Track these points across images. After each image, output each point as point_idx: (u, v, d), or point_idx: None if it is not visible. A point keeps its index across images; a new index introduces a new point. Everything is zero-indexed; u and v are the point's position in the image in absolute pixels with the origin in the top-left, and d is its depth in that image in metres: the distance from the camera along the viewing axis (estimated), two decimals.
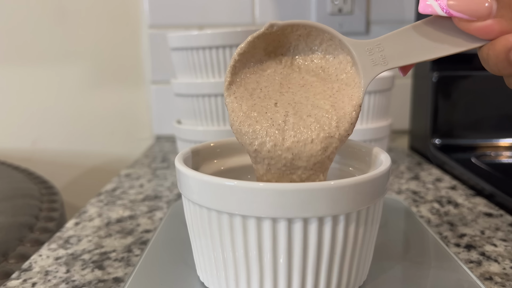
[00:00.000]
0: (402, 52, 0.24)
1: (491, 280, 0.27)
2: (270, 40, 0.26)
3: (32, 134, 0.75)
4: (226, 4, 0.70)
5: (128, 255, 0.32)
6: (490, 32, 0.21)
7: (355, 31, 0.71)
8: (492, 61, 0.22)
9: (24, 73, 0.73)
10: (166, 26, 0.71)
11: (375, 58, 0.24)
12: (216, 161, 0.30)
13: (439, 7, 0.22)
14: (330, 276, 0.23)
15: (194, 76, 0.51)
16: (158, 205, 0.42)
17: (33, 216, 0.43)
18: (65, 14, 0.72)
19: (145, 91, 0.75)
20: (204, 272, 0.25)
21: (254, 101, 0.25)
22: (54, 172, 0.73)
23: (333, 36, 0.25)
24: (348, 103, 0.25)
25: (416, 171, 0.53)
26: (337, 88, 0.26)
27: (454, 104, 0.58)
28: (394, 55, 0.24)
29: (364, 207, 0.22)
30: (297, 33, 0.26)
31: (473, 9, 0.21)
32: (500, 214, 0.38)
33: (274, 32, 0.25)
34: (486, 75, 0.58)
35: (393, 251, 0.30)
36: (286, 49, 0.27)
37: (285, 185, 0.21)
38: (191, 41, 0.49)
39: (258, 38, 0.25)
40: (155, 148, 0.69)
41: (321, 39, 0.26)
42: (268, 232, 0.21)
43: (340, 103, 0.25)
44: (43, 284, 0.28)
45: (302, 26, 0.25)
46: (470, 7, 0.21)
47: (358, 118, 0.49)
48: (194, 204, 0.24)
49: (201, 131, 0.51)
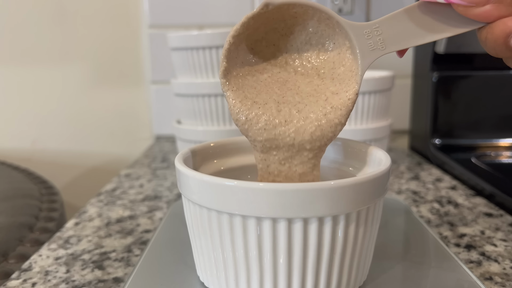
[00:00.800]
0: (400, 35, 0.23)
1: (491, 280, 0.27)
2: (265, 21, 0.25)
3: (32, 134, 0.75)
4: (226, 4, 0.70)
5: (128, 255, 0.31)
6: (489, 17, 0.21)
7: None
8: (490, 44, 0.22)
9: (24, 73, 0.73)
10: (166, 26, 0.71)
11: (373, 42, 0.24)
12: (216, 161, 0.30)
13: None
14: (330, 276, 0.23)
15: (194, 76, 0.51)
16: (158, 205, 0.42)
17: (33, 216, 0.43)
18: (65, 14, 0.72)
19: (145, 91, 0.75)
20: (204, 272, 0.25)
21: (253, 100, 0.25)
22: (54, 172, 0.73)
23: (330, 16, 0.24)
24: (344, 95, 0.25)
25: (416, 171, 0.53)
26: (332, 91, 0.26)
27: (454, 104, 0.58)
28: (392, 39, 0.24)
29: (364, 207, 0.22)
30: (293, 11, 0.25)
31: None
32: (500, 214, 0.38)
33: (270, 12, 0.25)
34: (486, 75, 0.58)
35: (393, 251, 0.30)
36: (281, 35, 0.26)
37: (285, 185, 0.21)
38: (191, 41, 0.49)
39: (253, 18, 0.24)
40: (155, 148, 0.69)
41: (319, 18, 0.25)
42: (268, 232, 0.21)
43: (337, 99, 0.25)
44: (43, 284, 0.28)
45: (298, 5, 0.24)
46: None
47: (358, 118, 0.50)
48: (194, 204, 0.24)
49: (201, 131, 0.51)
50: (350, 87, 0.25)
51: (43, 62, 0.73)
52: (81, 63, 0.73)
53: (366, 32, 0.24)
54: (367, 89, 0.48)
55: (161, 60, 0.72)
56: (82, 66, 0.73)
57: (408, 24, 0.23)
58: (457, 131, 0.59)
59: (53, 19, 0.72)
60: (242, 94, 0.25)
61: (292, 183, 0.21)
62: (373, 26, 0.23)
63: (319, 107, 0.25)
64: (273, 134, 0.25)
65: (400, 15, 0.23)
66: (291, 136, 0.24)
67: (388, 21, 0.23)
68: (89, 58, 0.73)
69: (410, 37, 0.23)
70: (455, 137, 0.59)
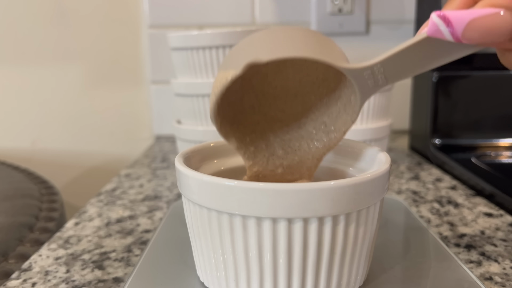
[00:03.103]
0: (403, 69, 0.23)
1: (491, 280, 0.27)
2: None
3: (32, 134, 0.75)
4: (226, 4, 0.70)
5: (128, 255, 0.31)
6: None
7: (355, 31, 0.71)
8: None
9: (24, 73, 0.73)
10: (166, 26, 0.71)
11: (374, 80, 0.23)
12: (216, 161, 0.30)
13: (451, 37, 0.20)
14: (330, 276, 0.23)
15: (194, 76, 0.51)
16: (158, 205, 0.42)
17: (33, 216, 0.43)
18: (65, 14, 0.72)
19: (145, 91, 0.75)
20: (204, 272, 0.25)
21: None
22: (54, 172, 0.73)
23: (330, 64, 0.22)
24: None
25: (416, 171, 0.53)
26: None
27: (454, 104, 0.58)
28: (394, 73, 0.23)
29: (364, 207, 0.22)
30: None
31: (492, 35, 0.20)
32: (500, 214, 0.38)
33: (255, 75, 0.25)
34: (486, 75, 0.58)
35: (393, 251, 0.30)
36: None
37: (285, 185, 0.21)
38: (191, 41, 0.49)
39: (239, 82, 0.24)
40: (155, 148, 0.69)
41: (316, 76, 0.25)
42: (268, 232, 0.21)
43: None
44: (43, 284, 0.28)
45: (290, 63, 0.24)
46: (488, 38, 0.20)
47: (358, 118, 0.50)
48: (194, 204, 0.24)
49: (201, 131, 0.51)
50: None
51: (43, 62, 0.73)
52: (81, 63, 0.73)
53: (367, 74, 0.23)
54: None
55: (161, 60, 0.72)
56: (82, 66, 0.73)
57: (412, 58, 0.22)
58: (457, 131, 0.59)
59: (53, 19, 0.72)
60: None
61: (292, 183, 0.21)
62: (374, 67, 0.23)
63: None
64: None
65: (404, 53, 0.22)
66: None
67: (391, 59, 0.22)
68: (89, 58, 0.73)
69: (413, 68, 0.23)
70: (455, 137, 0.59)
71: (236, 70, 0.21)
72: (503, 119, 0.58)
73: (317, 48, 0.22)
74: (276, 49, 0.21)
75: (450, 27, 0.20)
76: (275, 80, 0.26)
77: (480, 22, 0.19)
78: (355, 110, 0.25)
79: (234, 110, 0.27)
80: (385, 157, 0.25)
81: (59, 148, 0.76)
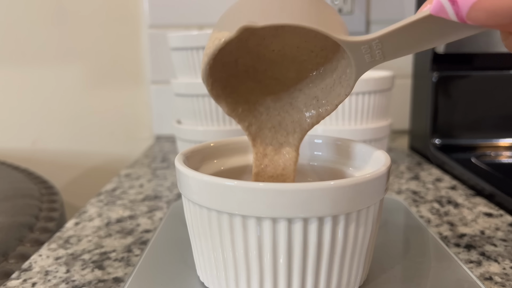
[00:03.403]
0: (401, 46, 0.22)
1: (491, 280, 0.27)
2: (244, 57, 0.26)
3: (32, 134, 0.75)
4: (226, 4, 0.70)
5: (128, 255, 0.32)
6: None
7: (355, 31, 0.70)
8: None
9: (24, 73, 0.73)
10: (166, 26, 0.71)
11: (372, 55, 0.23)
12: (216, 161, 0.30)
13: (455, 16, 0.19)
14: (330, 276, 0.23)
15: (194, 76, 0.51)
16: (158, 205, 0.42)
17: (33, 216, 0.43)
18: (65, 14, 0.72)
19: (145, 91, 0.75)
20: (204, 272, 0.25)
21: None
22: (54, 172, 0.73)
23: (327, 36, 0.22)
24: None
25: (416, 171, 0.53)
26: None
27: (454, 104, 0.58)
28: (392, 50, 0.22)
29: (364, 207, 0.22)
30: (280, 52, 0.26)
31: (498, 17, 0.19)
32: (500, 214, 0.38)
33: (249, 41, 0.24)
34: (486, 75, 0.58)
35: (393, 251, 0.30)
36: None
37: (285, 185, 0.21)
38: (191, 41, 0.49)
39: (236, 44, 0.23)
40: (155, 148, 0.69)
41: (314, 45, 0.25)
42: (268, 232, 0.21)
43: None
44: (43, 284, 0.28)
45: (288, 28, 0.23)
46: (496, 19, 0.19)
47: (358, 118, 0.50)
48: (194, 204, 0.24)
49: (201, 131, 0.51)
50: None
51: (43, 62, 0.73)
52: (81, 63, 0.73)
53: (364, 48, 0.22)
54: (367, 89, 0.48)
55: (161, 60, 0.72)
56: (82, 66, 0.73)
57: (411, 36, 0.22)
58: (457, 131, 0.59)
59: (53, 19, 0.72)
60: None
61: (292, 183, 0.21)
62: (372, 42, 0.22)
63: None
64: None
65: (404, 29, 0.21)
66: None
67: (390, 35, 0.22)
68: (89, 58, 0.73)
69: (411, 46, 0.22)
70: (455, 137, 0.59)
71: (230, 32, 0.21)
72: (503, 119, 0.58)
73: (316, 16, 0.21)
74: (274, 14, 0.21)
75: (455, 6, 0.19)
76: (272, 43, 0.25)
77: (487, 2, 0.18)
78: (349, 84, 0.24)
79: (227, 72, 0.26)
80: (385, 157, 0.25)
81: (59, 148, 0.76)
